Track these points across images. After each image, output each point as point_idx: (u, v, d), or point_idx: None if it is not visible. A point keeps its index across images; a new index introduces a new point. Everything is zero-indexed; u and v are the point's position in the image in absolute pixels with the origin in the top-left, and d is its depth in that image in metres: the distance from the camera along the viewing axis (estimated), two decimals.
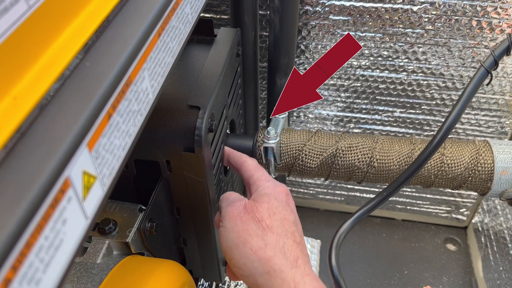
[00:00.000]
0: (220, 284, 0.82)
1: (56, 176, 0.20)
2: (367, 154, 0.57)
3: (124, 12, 0.30)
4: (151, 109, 0.31)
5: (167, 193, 0.54)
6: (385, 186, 0.54)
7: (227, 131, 0.61)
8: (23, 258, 0.18)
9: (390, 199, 1.06)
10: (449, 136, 0.88)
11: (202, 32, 0.60)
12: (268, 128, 0.57)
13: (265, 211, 0.42)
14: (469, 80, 0.79)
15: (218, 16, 0.81)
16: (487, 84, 0.46)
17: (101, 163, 0.24)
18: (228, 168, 0.66)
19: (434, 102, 0.84)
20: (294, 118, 0.93)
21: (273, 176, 0.60)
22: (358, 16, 0.75)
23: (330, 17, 0.76)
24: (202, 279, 0.77)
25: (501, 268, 0.87)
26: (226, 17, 0.80)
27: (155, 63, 0.31)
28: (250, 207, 0.43)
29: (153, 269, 0.46)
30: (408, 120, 0.88)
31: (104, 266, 0.46)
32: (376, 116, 0.89)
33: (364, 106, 0.88)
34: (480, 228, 1.00)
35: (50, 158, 0.20)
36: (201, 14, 0.40)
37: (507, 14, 0.71)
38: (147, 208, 0.50)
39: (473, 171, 0.56)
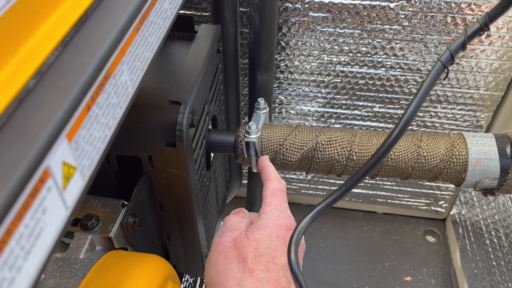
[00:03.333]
0: (204, 279, 0.83)
1: (36, 166, 0.20)
2: (346, 148, 0.58)
3: (103, 7, 0.30)
4: (131, 102, 0.31)
5: (150, 189, 0.54)
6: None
7: (209, 126, 0.62)
8: (3, 245, 0.18)
9: (371, 192, 1.08)
10: (426, 130, 0.91)
11: (182, 29, 0.60)
12: (250, 123, 0.58)
13: (252, 252, 0.39)
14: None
15: (199, 13, 0.81)
16: (444, 79, 0.48)
17: (81, 154, 0.25)
18: (210, 163, 0.66)
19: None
20: (276, 114, 0.94)
21: (255, 171, 0.61)
22: (337, 12, 0.76)
23: (309, 14, 0.77)
24: (187, 274, 0.77)
25: (478, 257, 0.90)
26: (207, 14, 0.81)
27: (134, 57, 0.31)
28: (239, 242, 0.40)
29: (136, 263, 0.46)
30: (387, 115, 0.90)
31: (87, 261, 0.46)
32: (356, 111, 0.90)
33: (344, 102, 0.89)
34: (458, 220, 1.03)
35: (29, 148, 0.20)
36: (182, 11, 0.41)
37: (480, 11, 0.73)
38: (129, 203, 0.50)
39: (448, 162, 0.58)
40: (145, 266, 0.46)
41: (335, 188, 1.06)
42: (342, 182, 1.14)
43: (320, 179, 1.06)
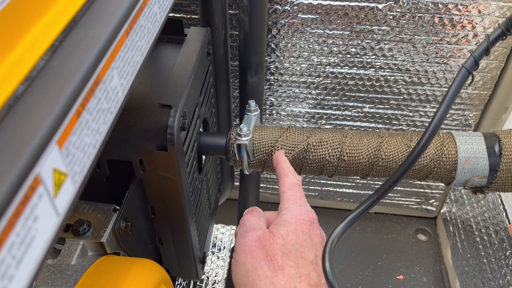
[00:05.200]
0: (197, 282, 0.83)
1: (26, 173, 0.20)
2: (337, 149, 0.58)
3: (92, 12, 0.30)
4: (121, 107, 0.31)
5: (141, 193, 0.54)
6: (370, 188, 0.54)
7: (200, 129, 0.61)
8: None
9: (362, 192, 1.08)
10: (416, 130, 0.92)
11: (172, 32, 0.60)
12: (241, 125, 0.58)
13: (279, 249, 0.39)
14: (434, 75, 0.82)
15: (188, 16, 0.81)
16: (469, 84, 0.47)
17: (72, 160, 0.24)
18: (202, 166, 0.66)
19: (401, 97, 0.87)
20: (267, 116, 0.94)
21: (247, 173, 0.61)
22: (325, 14, 0.76)
23: (299, 15, 0.77)
24: (180, 278, 0.77)
25: (468, 255, 0.90)
26: (196, 17, 0.81)
27: (124, 62, 0.31)
28: (264, 240, 0.40)
29: (128, 268, 0.46)
30: (377, 115, 0.91)
31: (79, 267, 0.46)
32: (346, 112, 0.91)
33: (334, 103, 0.90)
34: (448, 218, 1.04)
35: (19, 155, 0.20)
36: (172, 14, 0.41)
37: (467, 11, 0.74)
38: (121, 208, 0.50)
39: (438, 162, 0.58)
40: (138, 271, 0.46)
41: (326, 188, 1.07)
42: (334, 182, 1.14)
43: (312, 180, 1.06)
